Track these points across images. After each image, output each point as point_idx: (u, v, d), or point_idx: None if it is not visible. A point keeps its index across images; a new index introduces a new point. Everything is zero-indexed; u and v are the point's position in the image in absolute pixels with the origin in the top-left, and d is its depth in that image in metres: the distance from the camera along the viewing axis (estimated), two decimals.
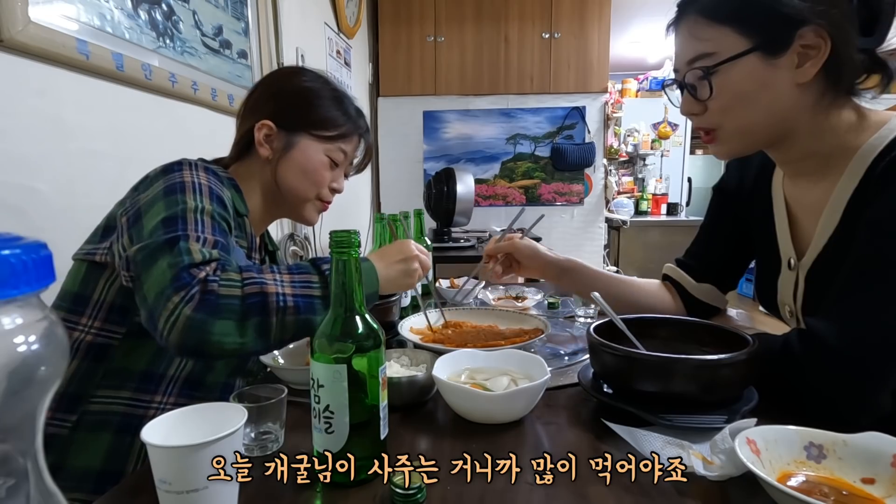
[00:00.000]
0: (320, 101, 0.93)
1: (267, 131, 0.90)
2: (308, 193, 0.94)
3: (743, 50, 0.68)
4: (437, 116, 3.32)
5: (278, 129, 0.90)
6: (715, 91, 0.72)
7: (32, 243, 0.21)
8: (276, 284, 0.67)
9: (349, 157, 0.97)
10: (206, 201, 0.75)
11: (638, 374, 0.63)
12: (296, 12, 2.00)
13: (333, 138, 0.93)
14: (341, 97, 0.96)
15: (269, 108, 0.91)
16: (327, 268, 0.70)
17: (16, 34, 0.83)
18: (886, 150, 0.67)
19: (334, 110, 0.93)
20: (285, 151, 0.91)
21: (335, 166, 0.95)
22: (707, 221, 1.02)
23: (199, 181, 0.77)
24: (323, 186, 0.95)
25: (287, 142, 0.91)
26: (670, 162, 4.81)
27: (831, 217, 0.73)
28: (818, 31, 0.66)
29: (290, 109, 0.91)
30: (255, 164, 0.93)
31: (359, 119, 0.97)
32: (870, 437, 0.51)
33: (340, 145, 0.94)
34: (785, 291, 0.84)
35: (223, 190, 0.81)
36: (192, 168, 0.79)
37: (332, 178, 0.96)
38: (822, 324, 0.64)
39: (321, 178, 0.93)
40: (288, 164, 0.91)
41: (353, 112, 0.96)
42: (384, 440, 0.55)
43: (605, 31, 3.22)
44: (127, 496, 0.53)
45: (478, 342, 0.88)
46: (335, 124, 0.93)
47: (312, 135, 0.91)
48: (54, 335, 0.22)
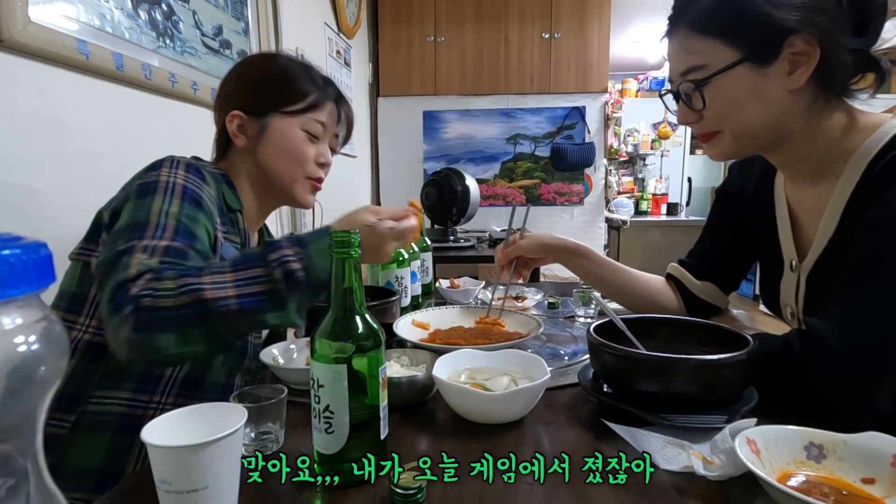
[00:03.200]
0: (282, 77, 0.91)
1: (239, 121, 0.89)
2: (294, 173, 0.92)
3: (732, 61, 0.69)
4: (437, 116, 3.32)
5: (248, 117, 0.89)
6: (708, 102, 0.73)
7: (32, 243, 0.21)
8: (216, 288, 0.63)
9: (328, 127, 0.95)
10: (174, 202, 0.73)
11: (638, 374, 0.63)
12: (296, 12, 2.00)
13: (304, 110, 0.91)
14: (303, 68, 0.93)
15: (235, 98, 0.91)
16: (275, 257, 0.67)
17: (16, 34, 0.83)
18: (882, 152, 0.68)
19: (298, 83, 0.91)
20: (260, 136, 0.90)
21: (315, 139, 0.93)
22: (709, 223, 1.03)
23: (174, 180, 0.75)
24: (307, 162, 0.92)
25: (260, 126, 0.90)
26: (670, 162, 4.81)
27: (831, 219, 0.74)
28: (807, 38, 0.66)
29: (255, 93, 0.90)
30: (239, 158, 0.92)
31: (327, 86, 0.95)
32: (870, 437, 0.51)
33: (314, 116, 0.92)
34: (787, 293, 0.84)
35: (203, 187, 0.79)
36: (172, 166, 0.78)
37: (317, 153, 0.94)
38: (822, 324, 0.64)
39: (303, 153, 0.91)
40: (266, 147, 0.90)
41: (319, 81, 0.94)
42: (384, 440, 0.55)
43: (605, 31, 3.22)
44: (127, 496, 0.53)
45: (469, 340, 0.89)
46: (302, 96, 0.91)
47: (282, 112, 0.90)
48: (54, 335, 0.22)
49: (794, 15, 0.66)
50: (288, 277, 0.66)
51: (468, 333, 0.96)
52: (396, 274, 1.19)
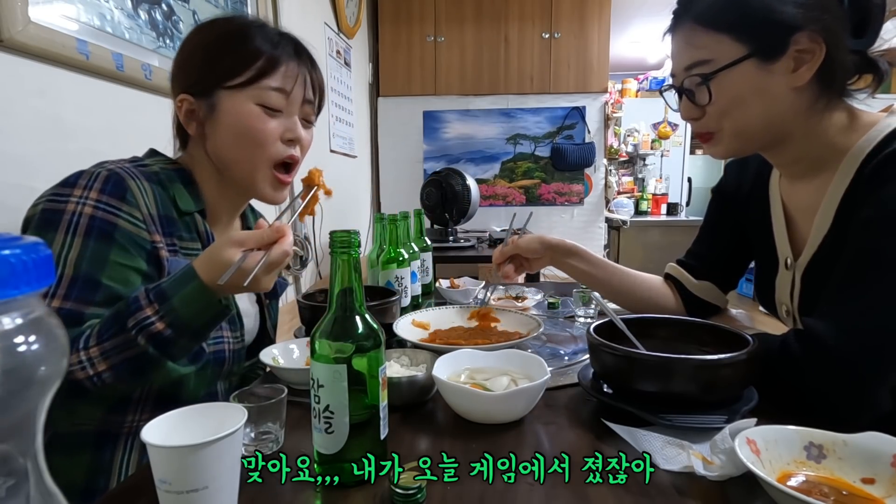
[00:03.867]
0: (220, 44, 0.78)
1: (187, 106, 0.78)
2: (251, 159, 0.78)
3: (739, 57, 0.69)
4: (437, 116, 3.32)
5: (195, 98, 0.77)
6: (713, 97, 0.72)
7: (32, 243, 0.21)
8: (84, 367, 0.61)
9: (291, 94, 0.78)
10: (75, 243, 0.65)
11: (638, 374, 0.63)
12: (296, 12, 2.00)
13: (252, 80, 0.76)
14: (243, 29, 0.78)
15: (180, 81, 0.80)
16: (133, 323, 0.61)
17: (16, 34, 0.83)
18: (876, 150, 0.68)
19: (240, 47, 0.77)
20: (209, 120, 0.78)
21: (276, 112, 0.78)
22: (706, 223, 1.03)
23: (81, 210, 0.66)
24: (268, 143, 0.78)
25: (208, 108, 0.77)
26: (670, 162, 4.82)
27: (825, 217, 0.74)
28: (812, 36, 0.66)
29: (196, 71, 0.78)
30: (195, 148, 0.81)
31: (278, 45, 0.78)
32: (870, 437, 0.51)
33: (267, 83, 0.76)
34: (782, 291, 0.85)
35: (119, 211, 0.68)
36: (86, 187, 0.68)
37: (282, 128, 0.79)
38: (819, 323, 0.65)
39: (260, 132, 0.77)
40: (216, 133, 0.78)
41: (266, 40, 0.78)
42: (384, 440, 0.55)
43: (605, 31, 3.22)
44: (127, 496, 0.53)
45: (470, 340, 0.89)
46: (246, 62, 0.76)
47: (227, 87, 0.76)
48: (54, 335, 0.22)
49: (799, 11, 0.66)
50: (153, 340, 0.62)
51: (468, 333, 0.96)
52: (396, 274, 1.19)
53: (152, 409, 0.74)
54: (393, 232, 1.21)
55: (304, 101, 0.81)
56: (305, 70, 0.81)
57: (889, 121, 0.70)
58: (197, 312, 0.64)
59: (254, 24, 0.80)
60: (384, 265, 1.19)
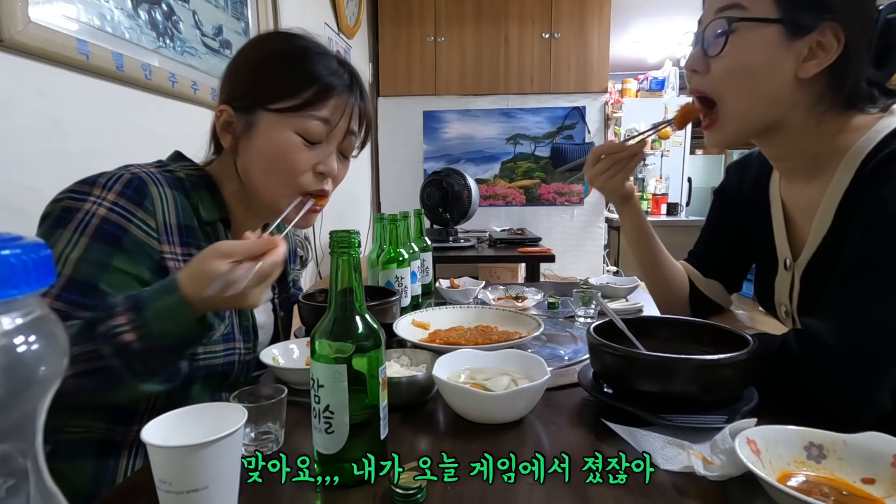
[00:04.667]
0: (275, 65, 0.74)
1: (226, 117, 0.75)
2: (278, 188, 0.76)
3: (771, 16, 0.68)
4: (437, 116, 3.32)
5: (236, 113, 0.75)
6: (726, 49, 0.71)
7: (32, 243, 0.21)
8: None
9: (335, 126, 0.75)
10: (80, 244, 0.63)
11: (638, 374, 0.63)
12: (296, 12, 2.00)
13: (299, 107, 0.73)
14: (306, 53, 0.75)
15: (226, 90, 0.77)
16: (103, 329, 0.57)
17: (16, 34, 0.83)
18: (875, 151, 0.68)
19: (295, 72, 0.73)
20: (245, 137, 0.75)
21: (313, 144, 0.75)
22: (708, 225, 1.03)
23: (95, 211, 0.64)
24: (299, 173, 0.75)
25: (246, 125, 0.75)
26: (670, 162, 4.82)
27: (824, 218, 0.74)
28: (836, 32, 0.66)
29: (243, 84, 0.75)
30: (228, 160, 0.79)
31: (336, 75, 0.75)
32: (870, 437, 0.51)
33: (314, 114, 0.73)
34: (781, 291, 0.85)
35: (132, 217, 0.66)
36: (106, 187, 0.66)
37: (316, 159, 0.76)
38: (819, 324, 0.65)
39: (292, 162, 0.74)
40: (250, 151, 0.75)
41: (324, 68, 0.74)
42: (384, 440, 0.55)
43: (605, 31, 3.22)
44: (127, 496, 0.53)
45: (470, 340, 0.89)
46: (296, 90, 0.72)
47: (271, 110, 0.73)
48: (54, 335, 0.22)
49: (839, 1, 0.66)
50: (121, 352, 0.57)
51: (468, 333, 0.96)
52: (396, 274, 1.19)
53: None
54: (393, 232, 1.21)
55: (346, 134, 0.78)
56: (356, 104, 0.78)
57: (888, 121, 0.70)
58: (171, 328, 0.58)
59: (315, 49, 0.76)
60: (384, 265, 1.19)
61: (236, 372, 0.79)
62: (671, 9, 4.14)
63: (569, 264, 3.29)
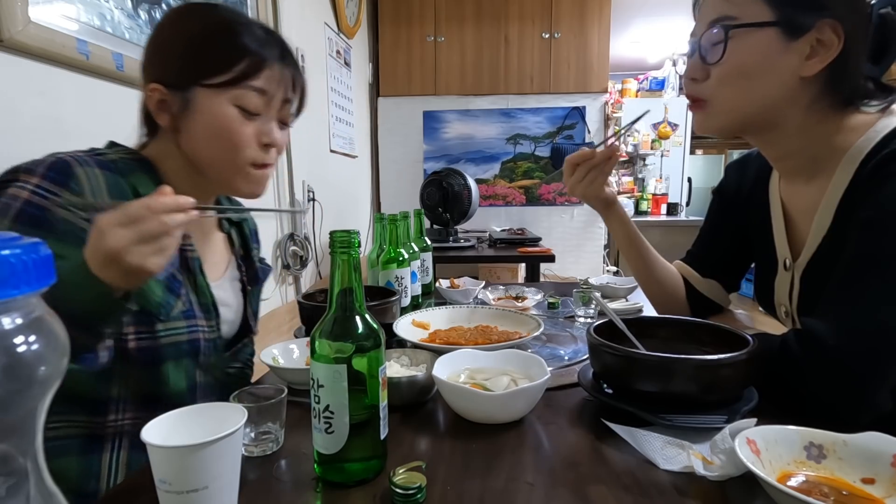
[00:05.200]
0: (204, 39, 0.74)
1: (159, 96, 0.73)
2: (228, 162, 0.76)
3: (765, 20, 0.68)
4: (437, 116, 3.32)
5: (170, 91, 0.73)
6: (725, 55, 0.71)
7: (32, 243, 0.21)
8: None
9: (272, 96, 0.76)
10: (2, 226, 0.61)
11: (638, 374, 0.63)
12: (296, 12, 2.00)
13: (235, 80, 0.72)
14: (233, 25, 0.74)
15: (154, 68, 0.75)
16: None
17: (16, 34, 0.83)
18: (874, 151, 0.68)
19: (226, 45, 0.73)
20: (184, 115, 0.74)
21: (253, 116, 0.75)
22: (707, 224, 1.03)
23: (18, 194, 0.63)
24: (244, 146, 0.75)
25: (183, 102, 0.73)
26: (670, 162, 4.82)
27: (824, 218, 0.74)
28: (835, 28, 0.66)
29: (174, 62, 0.74)
30: (167, 140, 0.77)
31: (266, 45, 0.75)
32: (870, 437, 0.51)
33: (251, 85, 0.73)
34: (781, 292, 0.85)
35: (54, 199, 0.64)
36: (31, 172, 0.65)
37: (259, 132, 0.76)
38: (819, 324, 0.65)
39: (237, 136, 0.74)
40: (192, 129, 0.74)
41: (253, 39, 0.74)
42: (384, 440, 0.55)
43: (605, 31, 3.22)
44: (127, 496, 0.53)
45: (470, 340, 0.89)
46: (230, 63, 0.72)
47: (206, 85, 0.72)
48: (54, 335, 0.22)
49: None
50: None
51: (468, 333, 0.96)
52: (396, 274, 1.19)
53: (134, 407, 0.72)
54: (393, 232, 1.21)
55: (283, 104, 0.79)
56: (289, 72, 0.78)
57: (887, 121, 0.70)
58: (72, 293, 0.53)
59: (240, 19, 0.76)
60: (384, 265, 1.19)
61: (203, 350, 0.78)
62: (671, 9, 4.14)
63: (569, 264, 3.30)
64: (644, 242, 1.02)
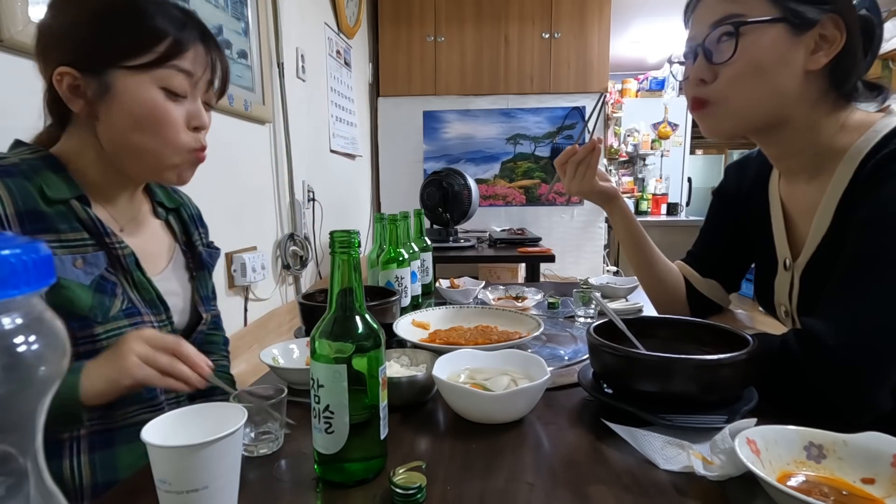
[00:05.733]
0: (116, 19, 0.69)
1: (71, 81, 0.68)
2: (160, 146, 0.72)
3: (773, 17, 0.68)
4: (437, 116, 3.32)
5: (83, 74, 0.68)
6: (737, 54, 0.70)
7: (32, 243, 0.21)
8: None
9: (196, 77, 0.72)
10: None
11: (638, 374, 0.63)
12: (295, 12, 2.00)
13: (158, 61, 0.69)
14: (146, 3, 0.70)
15: (58, 51, 0.69)
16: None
17: (16, 34, 0.83)
18: (874, 150, 0.69)
19: (142, 25, 0.68)
20: (102, 101, 0.69)
21: (180, 98, 0.72)
22: (707, 224, 1.04)
23: None
24: (177, 129, 0.72)
25: (100, 87, 0.68)
26: (670, 162, 4.82)
27: (823, 218, 0.74)
28: (837, 22, 0.67)
29: (85, 43, 0.68)
30: (81, 130, 0.72)
31: (185, 25, 0.71)
32: (870, 437, 0.51)
33: (176, 65, 0.70)
34: (781, 292, 0.85)
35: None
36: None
37: (188, 115, 0.73)
38: (819, 323, 0.65)
39: (167, 118, 0.70)
40: (115, 115, 0.69)
41: (171, 18, 0.70)
42: (384, 440, 0.55)
43: (605, 31, 3.22)
44: (127, 496, 0.53)
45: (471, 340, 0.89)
46: (150, 43, 0.68)
47: (127, 67, 0.68)
48: (54, 335, 0.22)
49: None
50: None
51: (468, 333, 0.96)
52: (396, 274, 1.19)
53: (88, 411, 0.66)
54: (393, 232, 1.21)
55: (208, 85, 0.76)
56: (212, 54, 0.75)
57: (887, 121, 0.70)
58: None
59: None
60: (384, 265, 1.19)
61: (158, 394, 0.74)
62: (671, 9, 4.14)
63: (569, 264, 3.30)
64: (646, 239, 1.02)
